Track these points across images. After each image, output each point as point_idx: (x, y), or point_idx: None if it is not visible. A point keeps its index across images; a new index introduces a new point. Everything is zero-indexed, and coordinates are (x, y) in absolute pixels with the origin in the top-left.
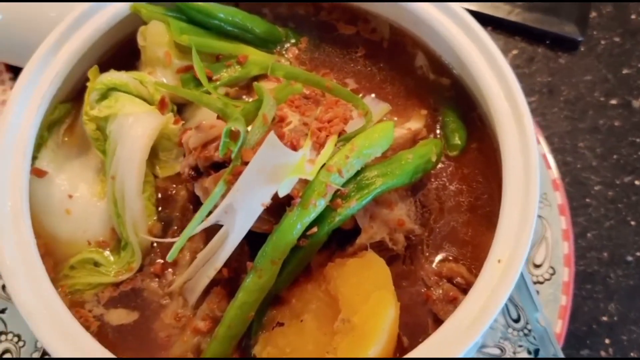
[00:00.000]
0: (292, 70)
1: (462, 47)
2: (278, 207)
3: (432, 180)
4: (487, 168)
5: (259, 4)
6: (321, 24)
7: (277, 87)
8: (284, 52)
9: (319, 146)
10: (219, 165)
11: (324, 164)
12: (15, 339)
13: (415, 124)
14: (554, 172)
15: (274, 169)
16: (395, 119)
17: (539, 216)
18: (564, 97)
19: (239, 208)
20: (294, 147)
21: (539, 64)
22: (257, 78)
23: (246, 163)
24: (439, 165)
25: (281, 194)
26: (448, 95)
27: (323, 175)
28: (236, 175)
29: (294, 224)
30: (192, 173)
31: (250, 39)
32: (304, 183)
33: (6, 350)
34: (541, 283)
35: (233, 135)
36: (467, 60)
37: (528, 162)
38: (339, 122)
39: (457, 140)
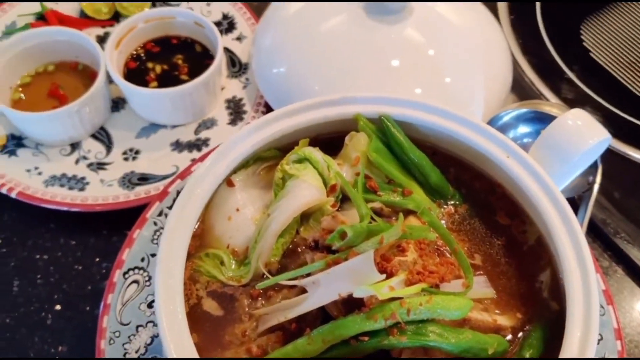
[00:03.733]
0: (435, 221)
1: (576, 290)
2: (352, 305)
3: None
4: None
5: (448, 161)
6: (486, 203)
7: (417, 226)
8: (443, 206)
9: (408, 283)
10: (332, 251)
11: (401, 298)
12: (147, 277)
13: (504, 320)
14: None
15: (359, 275)
16: (487, 301)
17: None
18: None
19: (323, 285)
20: (390, 273)
21: None
22: (410, 211)
23: (346, 259)
24: None
25: (355, 295)
26: (549, 317)
27: (395, 305)
28: (336, 263)
29: (354, 324)
30: (312, 244)
31: (422, 181)
32: (382, 302)
33: (135, 281)
34: None
35: (342, 235)
36: (571, 298)
37: None
38: (436, 277)
39: (527, 355)
